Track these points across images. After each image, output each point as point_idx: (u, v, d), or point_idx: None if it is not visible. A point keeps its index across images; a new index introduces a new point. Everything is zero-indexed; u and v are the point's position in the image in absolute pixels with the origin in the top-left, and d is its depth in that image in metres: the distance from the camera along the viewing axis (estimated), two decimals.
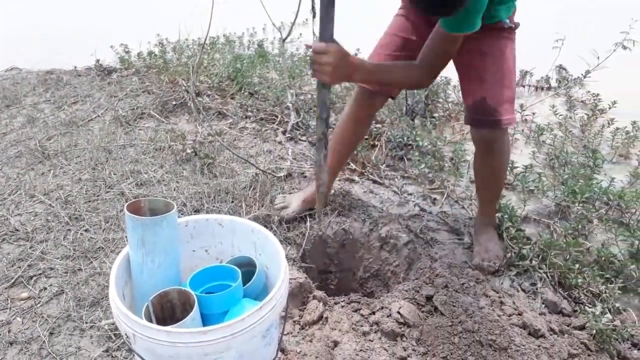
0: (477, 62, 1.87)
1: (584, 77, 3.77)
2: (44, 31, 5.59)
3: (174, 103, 3.52)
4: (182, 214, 2.32)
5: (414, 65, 1.82)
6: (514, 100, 1.93)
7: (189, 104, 3.43)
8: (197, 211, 2.37)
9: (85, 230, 2.27)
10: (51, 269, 2.06)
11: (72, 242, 2.20)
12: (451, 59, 1.87)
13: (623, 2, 5.59)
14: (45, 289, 1.97)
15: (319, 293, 1.86)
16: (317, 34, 1.64)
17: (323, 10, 1.57)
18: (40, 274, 2.04)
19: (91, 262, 2.09)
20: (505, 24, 1.86)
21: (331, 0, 1.53)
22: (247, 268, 1.53)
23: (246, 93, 3.66)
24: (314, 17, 4.44)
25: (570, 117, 3.34)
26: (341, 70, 1.66)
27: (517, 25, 1.91)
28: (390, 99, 2.21)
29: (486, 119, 1.88)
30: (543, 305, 1.88)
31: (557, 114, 3.30)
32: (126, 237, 1.85)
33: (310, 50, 1.66)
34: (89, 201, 2.47)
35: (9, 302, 1.91)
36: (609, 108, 3.30)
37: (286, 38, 4.20)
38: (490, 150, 1.98)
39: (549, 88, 3.90)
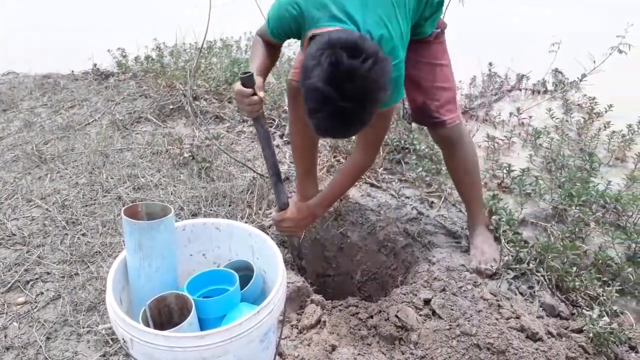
0: (412, 71, 1.91)
1: (580, 80, 3.78)
2: (42, 34, 5.59)
3: (171, 107, 3.51)
4: (179, 218, 2.31)
5: (358, 155, 1.89)
6: (454, 99, 2.05)
7: (186, 108, 3.43)
8: (194, 215, 2.36)
9: (83, 235, 2.26)
10: (48, 273, 2.05)
11: (69, 246, 2.19)
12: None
13: (619, 6, 5.63)
14: (42, 293, 1.97)
15: (316, 297, 1.86)
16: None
17: (273, 187, 1.89)
18: (37, 279, 2.03)
19: (88, 266, 2.09)
20: (432, 35, 1.94)
21: (279, 178, 1.85)
22: (245, 272, 1.53)
23: None
24: None
25: (567, 121, 3.35)
26: (302, 222, 1.96)
27: (444, 26, 1.99)
28: None
29: (432, 121, 2.02)
30: (541, 309, 1.88)
31: (553, 118, 3.31)
32: (123, 241, 1.84)
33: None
34: (86, 205, 2.47)
35: (6, 307, 1.90)
36: (605, 111, 3.31)
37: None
38: (452, 146, 2.08)
39: (546, 91, 3.91)
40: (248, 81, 1.63)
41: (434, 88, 1.97)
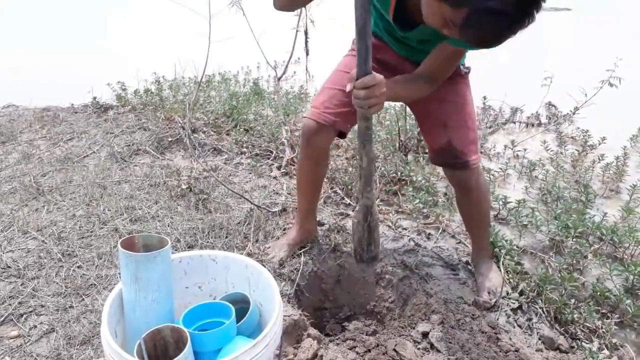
0: (437, 108, 1.91)
1: (573, 113, 3.85)
2: (43, 67, 5.67)
3: (169, 139, 3.55)
4: (176, 250, 2.30)
5: (422, 80, 1.77)
6: (477, 141, 2.00)
7: (184, 141, 3.47)
8: (191, 247, 2.36)
9: (78, 267, 2.24)
10: (42, 306, 2.03)
11: (64, 278, 2.17)
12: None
13: (609, 42, 5.76)
14: (36, 327, 1.94)
15: (313, 331, 1.84)
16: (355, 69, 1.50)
17: (361, 42, 1.45)
18: (30, 312, 2.01)
19: (83, 299, 2.06)
20: (461, 70, 1.93)
21: (367, 30, 1.43)
22: (241, 305, 1.53)
23: (242, 129, 3.70)
24: (307, 54, 4.53)
25: (561, 153, 3.39)
26: (389, 92, 1.57)
27: (469, 69, 1.98)
28: (339, 138, 2.08)
29: (454, 162, 1.96)
30: (540, 341, 1.86)
31: (548, 150, 3.36)
32: (119, 273, 1.83)
33: (353, 88, 1.51)
34: (83, 237, 2.46)
35: None
36: (599, 144, 3.36)
37: (281, 76, 4.30)
38: (468, 189, 2.04)
39: (539, 124, 3.97)
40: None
41: (460, 127, 1.93)
